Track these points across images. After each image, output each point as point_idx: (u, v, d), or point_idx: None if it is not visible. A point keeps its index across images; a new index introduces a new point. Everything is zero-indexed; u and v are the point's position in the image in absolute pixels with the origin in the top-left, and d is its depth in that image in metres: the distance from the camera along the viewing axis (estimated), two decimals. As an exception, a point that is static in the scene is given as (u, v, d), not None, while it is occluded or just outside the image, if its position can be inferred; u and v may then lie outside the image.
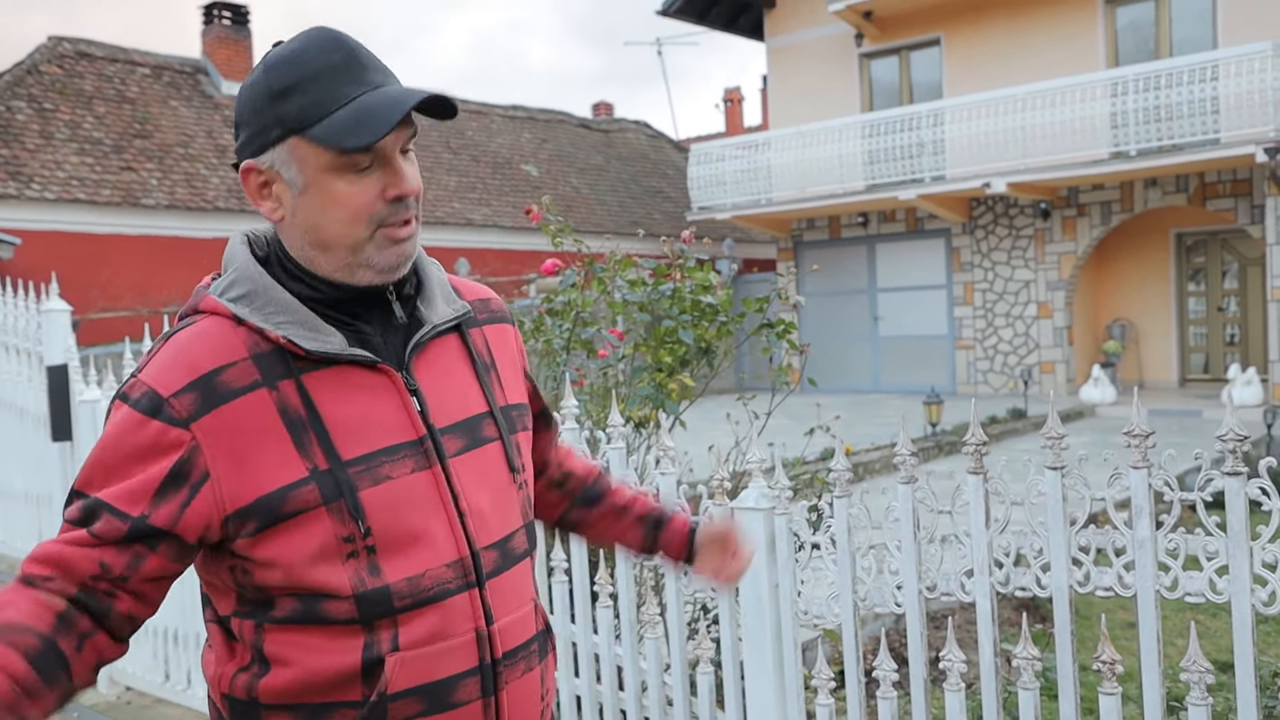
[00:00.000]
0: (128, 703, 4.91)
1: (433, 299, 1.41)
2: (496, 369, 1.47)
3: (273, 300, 1.29)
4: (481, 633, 1.34)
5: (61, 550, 1.25)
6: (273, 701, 1.31)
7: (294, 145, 1.27)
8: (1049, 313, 15.76)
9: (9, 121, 14.05)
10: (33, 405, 6.34)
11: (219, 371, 1.26)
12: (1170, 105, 13.43)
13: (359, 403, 1.30)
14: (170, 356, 1.28)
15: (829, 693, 2.69)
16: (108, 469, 1.25)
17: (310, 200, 1.28)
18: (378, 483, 1.28)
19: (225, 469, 1.24)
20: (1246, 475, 1.99)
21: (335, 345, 1.29)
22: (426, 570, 1.30)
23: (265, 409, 1.26)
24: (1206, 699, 2.06)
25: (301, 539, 1.26)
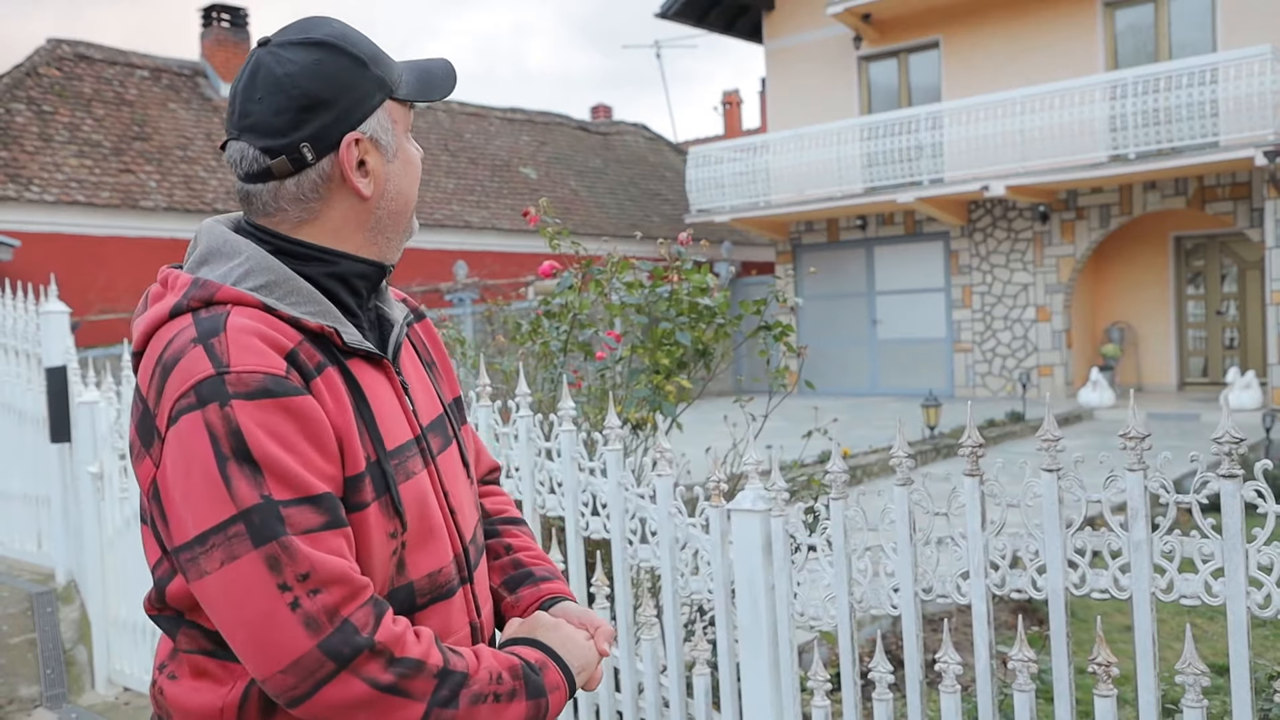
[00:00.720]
0: (126, 704, 4.91)
1: (387, 298, 1.41)
2: (436, 366, 1.49)
3: (295, 289, 1.24)
4: (475, 625, 1.38)
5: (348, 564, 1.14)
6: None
7: (389, 108, 1.30)
8: (1047, 316, 15.77)
9: (8, 124, 14.05)
10: (32, 407, 6.34)
11: (297, 349, 1.20)
12: (1169, 108, 13.44)
13: (382, 396, 1.28)
14: (247, 342, 1.16)
15: (825, 694, 2.69)
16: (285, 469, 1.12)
17: (398, 166, 1.31)
18: (408, 478, 1.27)
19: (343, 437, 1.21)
20: (1242, 478, 1.99)
21: (356, 336, 1.28)
22: (441, 567, 1.32)
23: (338, 389, 1.22)
24: (1202, 701, 2.06)
25: (361, 534, 1.21)
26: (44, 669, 5.26)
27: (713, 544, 2.91)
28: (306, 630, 1.08)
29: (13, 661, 5.35)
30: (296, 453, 1.13)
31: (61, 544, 5.98)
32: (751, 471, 2.81)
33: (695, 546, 2.99)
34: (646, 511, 3.08)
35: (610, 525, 3.17)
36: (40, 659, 5.35)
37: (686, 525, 2.98)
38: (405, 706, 1.12)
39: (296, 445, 1.14)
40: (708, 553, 2.94)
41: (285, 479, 1.12)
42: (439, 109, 20.62)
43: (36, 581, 6.20)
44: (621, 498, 3.13)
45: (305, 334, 1.22)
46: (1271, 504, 1.95)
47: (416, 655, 1.14)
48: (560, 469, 3.30)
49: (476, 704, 1.17)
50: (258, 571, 1.08)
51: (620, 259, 3.74)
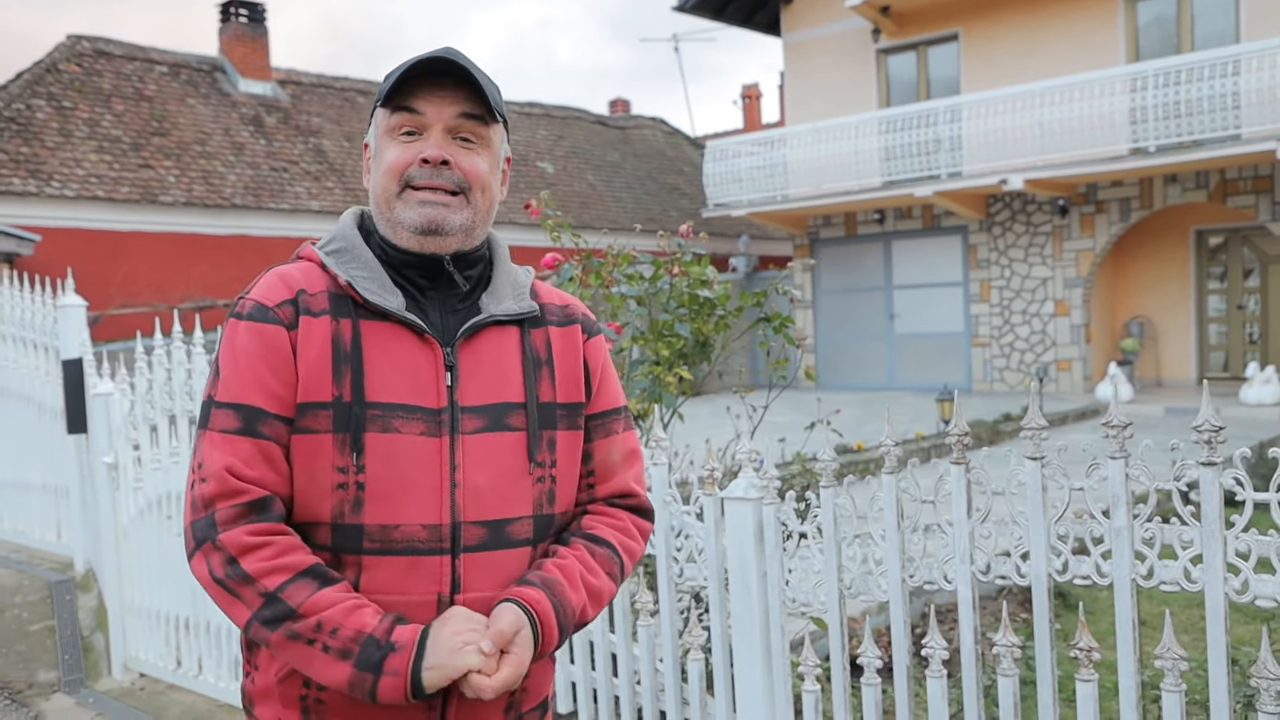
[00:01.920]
0: (141, 689, 4.99)
1: (499, 294, 1.54)
2: (552, 367, 1.55)
3: (357, 257, 1.49)
4: (443, 598, 1.41)
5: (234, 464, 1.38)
6: None
7: (378, 116, 1.52)
8: (1066, 310, 15.69)
9: (29, 120, 14.20)
10: (50, 399, 6.44)
11: (304, 294, 1.46)
12: (1190, 101, 13.33)
13: (399, 359, 1.44)
14: (271, 280, 1.48)
15: (815, 679, 2.72)
16: (242, 376, 1.41)
17: (376, 163, 1.51)
18: (386, 430, 1.41)
19: (304, 371, 1.42)
20: (1221, 465, 2.01)
21: (393, 304, 1.46)
22: (401, 524, 1.40)
23: (325, 334, 1.43)
24: (1180, 686, 2.08)
25: (308, 455, 1.41)
26: (62, 655, 5.35)
27: (707, 532, 2.94)
28: (191, 508, 1.39)
29: (32, 647, 5.44)
30: (247, 366, 1.41)
31: (79, 533, 6.07)
32: (745, 460, 2.84)
33: (690, 534, 3.02)
34: (643, 500, 3.11)
35: (607, 513, 3.20)
36: (59, 645, 5.45)
37: (681, 513, 3.02)
38: (234, 605, 1.36)
39: (251, 361, 1.41)
40: (702, 540, 2.98)
41: (227, 385, 1.42)
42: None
43: (56, 570, 6.30)
44: (618, 486, 3.16)
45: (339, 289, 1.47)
46: (1250, 491, 1.97)
47: (250, 570, 1.34)
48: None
49: (293, 640, 1.34)
50: (193, 455, 1.42)
51: (620, 251, 3.77)
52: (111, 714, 4.71)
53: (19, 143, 13.79)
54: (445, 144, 1.47)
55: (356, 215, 1.58)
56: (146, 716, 4.64)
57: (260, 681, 1.47)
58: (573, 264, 3.83)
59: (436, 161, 1.46)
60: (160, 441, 4.79)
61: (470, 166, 1.48)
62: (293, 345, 1.42)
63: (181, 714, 4.63)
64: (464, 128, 1.48)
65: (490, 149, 1.52)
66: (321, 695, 1.42)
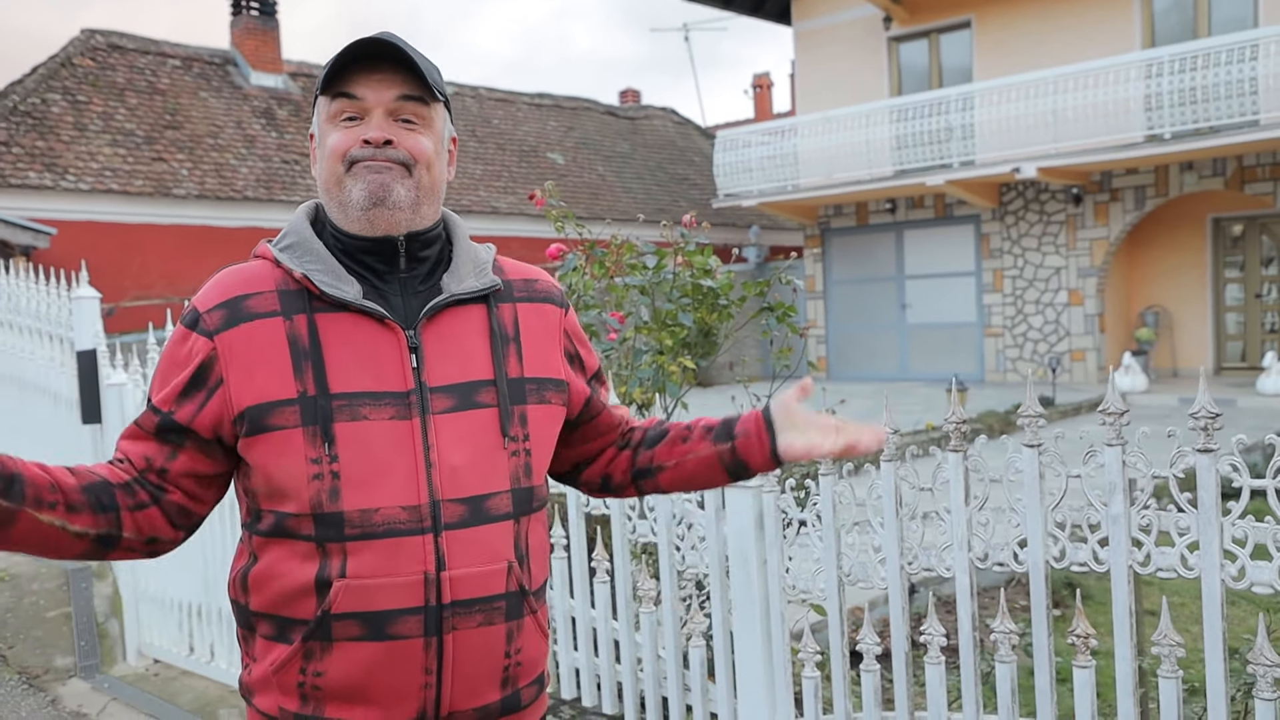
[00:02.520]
0: (155, 675, 5.04)
1: (460, 273, 1.54)
2: (519, 342, 1.55)
3: (310, 250, 1.50)
4: (429, 576, 1.42)
5: (122, 443, 1.50)
6: (257, 609, 1.48)
7: (319, 106, 1.52)
8: (1080, 300, 15.62)
9: (44, 114, 14.28)
10: (65, 389, 6.48)
11: (246, 297, 1.48)
12: (1207, 86, 13.20)
13: (360, 348, 1.45)
14: (214, 283, 1.52)
15: (814, 666, 2.74)
16: (161, 375, 1.50)
17: (320, 150, 1.51)
18: (354, 419, 1.43)
19: (236, 377, 1.44)
20: (1218, 452, 2.01)
21: (350, 294, 1.46)
22: (380, 508, 1.41)
23: (276, 334, 1.44)
24: (1176, 672, 2.08)
25: (278, 451, 1.43)
26: (78, 641, 5.42)
27: (708, 519, 2.95)
28: None
29: (49, 634, 5.50)
30: (167, 370, 1.50)
31: (92, 523, 6.12)
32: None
33: (691, 522, 3.04)
34: (645, 488, 3.12)
35: (610, 502, 3.22)
36: (75, 631, 5.51)
37: (683, 501, 3.03)
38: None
39: (171, 365, 1.49)
40: (703, 528, 2.99)
41: (154, 384, 1.51)
42: (467, 95, 20.71)
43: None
44: (621, 475, 3.18)
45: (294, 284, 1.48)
46: (1246, 478, 1.97)
47: None
48: (563, 447, 3.35)
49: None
50: None
51: (624, 241, 3.78)
52: (126, 698, 4.77)
53: (34, 137, 13.87)
54: (387, 126, 1.48)
55: (310, 210, 1.58)
56: (160, 701, 4.69)
57: (257, 672, 1.48)
58: (577, 254, 3.84)
59: (379, 142, 1.47)
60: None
61: (413, 145, 1.49)
62: (213, 353, 1.46)
63: (194, 699, 4.68)
64: (404, 109, 1.49)
65: (433, 129, 1.52)
66: (318, 681, 1.43)
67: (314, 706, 1.45)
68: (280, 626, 1.46)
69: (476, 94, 20.98)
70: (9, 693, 4.84)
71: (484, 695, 1.48)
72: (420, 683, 1.43)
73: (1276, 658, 1.93)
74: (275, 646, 1.46)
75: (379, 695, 1.42)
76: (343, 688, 1.43)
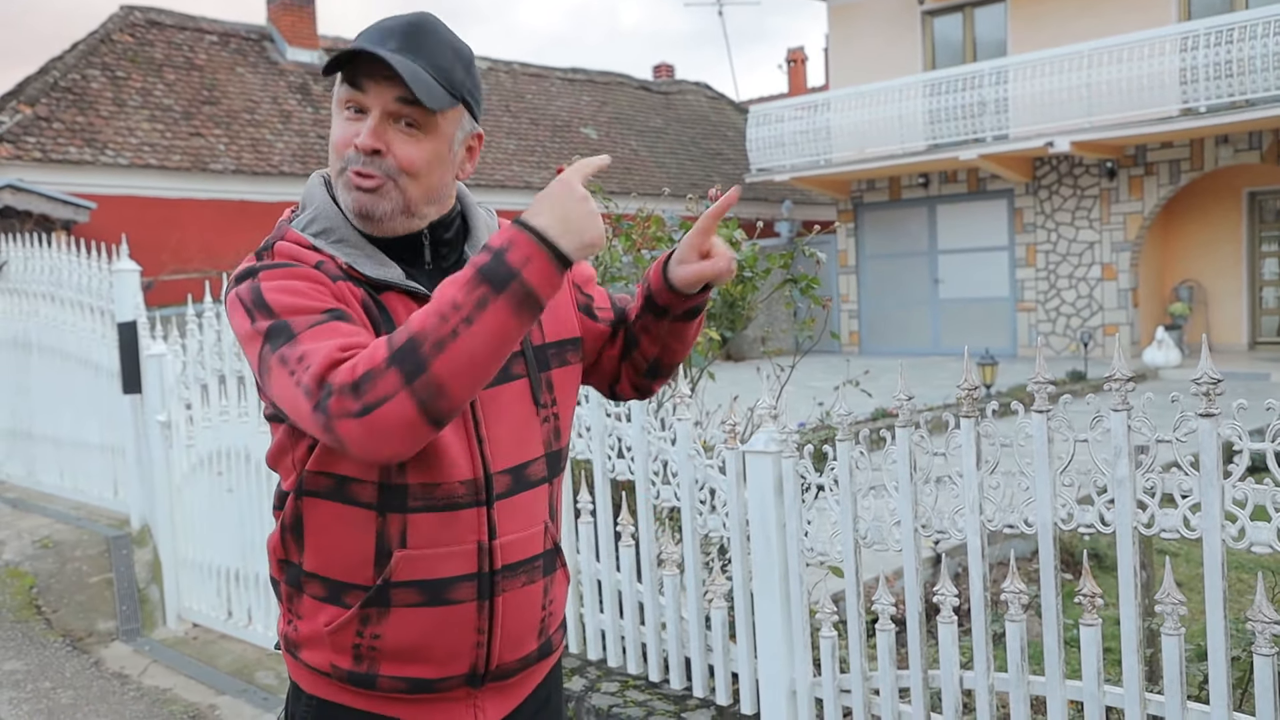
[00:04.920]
0: (194, 638, 5.20)
1: (478, 244, 1.58)
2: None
3: (344, 236, 1.49)
4: (483, 545, 1.51)
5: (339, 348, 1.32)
6: (309, 569, 1.52)
7: (337, 86, 1.49)
8: (1113, 274, 15.52)
9: (84, 90, 14.49)
10: (106, 361, 6.65)
11: (319, 266, 1.46)
12: (1243, 60, 13.06)
13: None
14: (284, 249, 1.47)
15: (831, 626, 2.82)
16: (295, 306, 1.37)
17: (331, 132, 1.51)
18: None
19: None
20: (1219, 417, 2.07)
21: (394, 275, 1.48)
22: (441, 482, 1.47)
23: (354, 294, 1.45)
24: (1179, 629, 2.15)
25: None
26: (120, 606, 5.59)
27: (729, 484, 3.04)
28: (306, 396, 1.30)
29: (92, 599, 5.69)
30: (302, 294, 1.39)
31: (135, 490, 6.29)
32: (765, 415, 2.93)
33: (713, 486, 3.12)
34: (668, 454, 3.21)
35: (635, 467, 3.31)
36: (116, 596, 5.68)
37: (705, 466, 3.12)
38: (389, 407, 1.26)
39: (304, 290, 1.40)
40: (724, 493, 3.07)
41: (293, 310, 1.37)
42: (501, 70, 20.77)
43: (113, 526, 6.53)
44: (645, 441, 3.27)
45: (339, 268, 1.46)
46: (1247, 441, 2.03)
47: (364, 367, 1.27)
48: (589, 414, 3.45)
49: (444, 347, 1.27)
50: (279, 369, 1.34)
51: (650, 215, 3.85)
52: (166, 661, 4.93)
53: (75, 112, 14.08)
54: (383, 131, 1.44)
55: (323, 184, 1.56)
56: (199, 664, 4.85)
57: (305, 629, 1.54)
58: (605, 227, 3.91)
59: (366, 150, 1.44)
60: (210, 400, 4.97)
61: (404, 155, 1.45)
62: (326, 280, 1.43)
63: (232, 662, 4.83)
64: (404, 113, 1.44)
65: (436, 134, 1.47)
66: (375, 643, 1.49)
67: (368, 665, 1.51)
68: (333, 589, 1.50)
69: (510, 69, 21.02)
70: (53, 655, 5.01)
71: (525, 647, 1.58)
72: (473, 642, 1.51)
73: (1274, 614, 1.99)
74: (326, 608, 1.51)
75: (435, 655, 1.50)
76: (400, 648, 1.50)
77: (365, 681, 1.51)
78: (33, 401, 7.67)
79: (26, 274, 7.58)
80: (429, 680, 1.51)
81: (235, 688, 4.55)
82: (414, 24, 1.46)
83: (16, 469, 7.93)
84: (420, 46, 1.44)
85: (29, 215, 12.13)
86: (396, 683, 1.51)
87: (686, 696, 3.32)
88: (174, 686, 4.63)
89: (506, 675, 1.57)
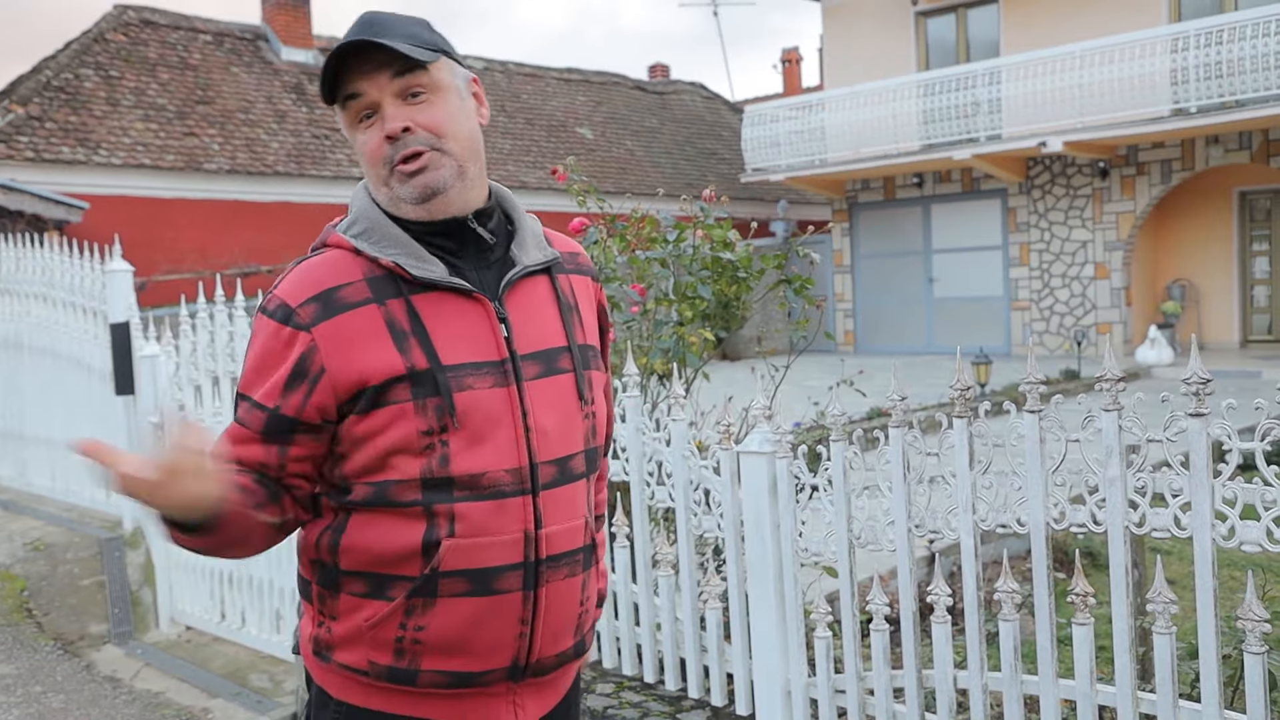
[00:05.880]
0: (187, 641, 5.19)
1: (525, 244, 1.62)
2: (579, 312, 1.66)
3: (386, 235, 1.53)
4: (529, 534, 1.52)
5: (232, 449, 1.51)
6: (349, 568, 1.53)
7: (337, 113, 1.55)
8: (1106, 273, 15.56)
9: (77, 89, 14.45)
10: (98, 361, 6.63)
11: (338, 289, 1.50)
12: (1233, 60, 13.13)
13: (455, 322, 1.51)
14: (298, 276, 1.53)
15: (826, 626, 2.83)
16: (256, 370, 1.52)
17: (359, 156, 1.54)
18: (461, 390, 1.49)
19: (337, 364, 1.47)
20: (1209, 416, 2.07)
21: (438, 273, 1.51)
22: (487, 471, 1.49)
23: (374, 320, 1.49)
24: (1171, 628, 2.16)
25: (389, 426, 1.47)
26: (112, 609, 5.57)
27: (723, 485, 3.04)
28: None
29: (83, 602, 5.67)
30: (262, 364, 1.52)
31: (128, 492, 6.27)
32: (759, 415, 2.93)
33: (707, 487, 3.13)
34: (663, 455, 3.22)
35: (629, 468, 3.32)
36: (109, 599, 5.66)
37: (699, 467, 3.12)
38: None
39: (267, 359, 1.51)
40: (719, 493, 3.08)
41: (248, 380, 1.53)
42: (496, 70, 20.76)
43: (105, 528, 6.51)
44: (640, 442, 3.27)
45: (380, 269, 1.51)
46: (1236, 441, 2.04)
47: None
48: (583, 415, 3.44)
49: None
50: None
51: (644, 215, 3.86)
52: (159, 664, 4.91)
53: (67, 112, 14.05)
54: (398, 111, 1.49)
55: (367, 191, 1.61)
56: (192, 666, 4.84)
57: (341, 629, 1.54)
58: (598, 228, 3.92)
59: (398, 133, 1.49)
60: (204, 401, 4.96)
61: (429, 119, 1.51)
62: (312, 345, 1.49)
63: (226, 664, 4.82)
64: (407, 85, 1.50)
65: (443, 90, 1.53)
66: (419, 634, 1.50)
67: (410, 660, 1.51)
68: (377, 584, 1.51)
69: (506, 69, 21.01)
70: (44, 659, 4.99)
71: (563, 642, 1.60)
72: (516, 633, 1.52)
73: (1264, 613, 2.00)
74: (369, 604, 1.51)
75: (478, 647, 1.51)
76: (443, 641, 1.51)
77: (405, 677, 1.52)
78: (24, 402, 7.65)
79: (18, 274, 7.56)
80: (472, 674, 1.52)
81: (229, 691, 4.54)
82: (365, 20, 1.52)
83: (8, 470, 7.91)
84: (381, 29, 1.49)
85: (21, 215, 12.10)
86: (437, 677, 1.52)
87: (682, 697, 3.33)
88: (166, 690, 4.62)
89: (545, 671, 1.58)
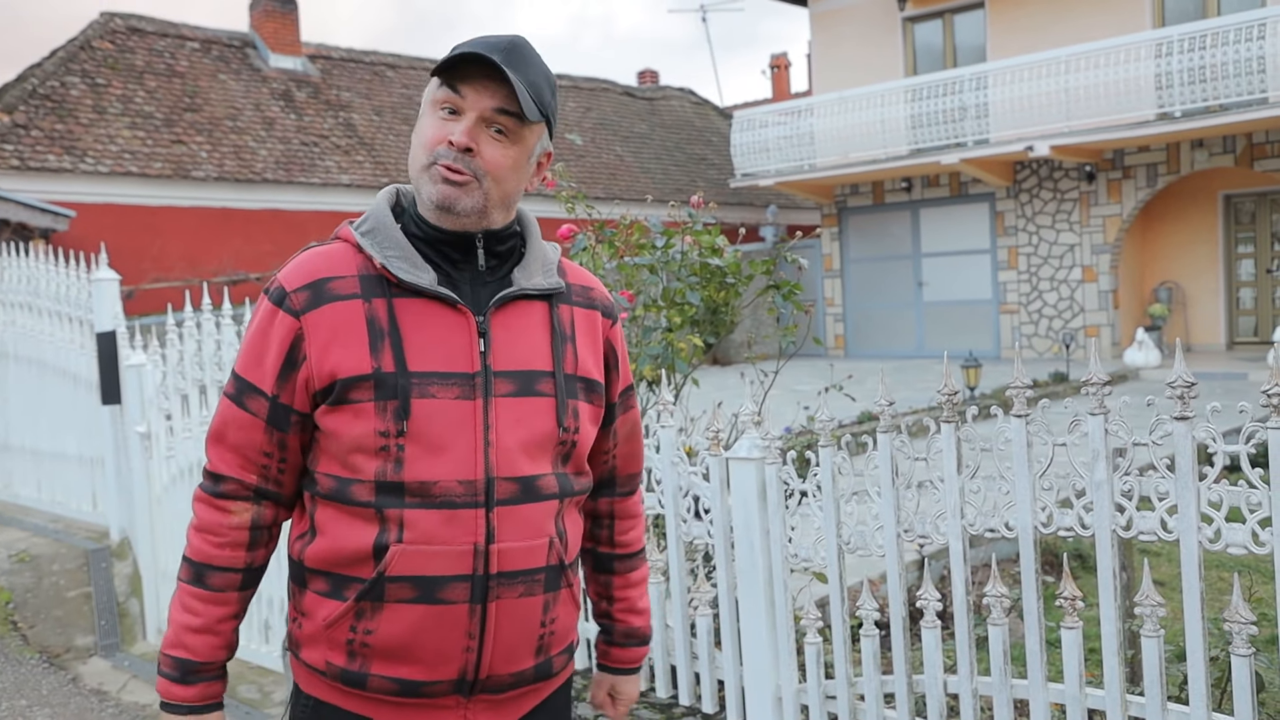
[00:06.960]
0: (175, 651, 5.16)
1: (530, 270, 1.64)
2: (575, 343, 1.66)
3: (389, 237, 1.58)
4: (479, 547, 1.52)
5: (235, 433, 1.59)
6: (312, 565, 1.57)
7: (430, 83, 1.59)
8: (1094, 276, 15.63)
9: (63, 97, 14.41)
10: (85, 371, 6.61)
11: (329, 280, 1.57)
12: (1216, 65, 13.22)
13: (433, 330, 1.54)
14: (300, 263, 1.60)
15: (816, 632, 2.83)
16: (252, 350, 1.58)
17: (417, 131, 1.60)
18: (423, 397, 1.52)
19: (316, 354, 1.53)
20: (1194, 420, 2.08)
21: (425, 281, 1.55)
22: (439, 480, 1.51)
23: (355, 316, 1.54)
24: (1158, 632, 2.16)
25: (351, 423, 1.53)
26: (99, 620, 5.54)
27: (713, 491, 3.04)
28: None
29: (70, 613, 5.63)
30: (259, 345, 1.58)
31: (114, 502, 6.25)
32: (748, 421, 2.93)
33: (697, 493, 3.13)
34: (651, 461, 3.22)
35: (618, 475, 3.31)
36: (95, 611, 5.63)
37: (688, 473, 3.12)
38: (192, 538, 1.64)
39: (262, 341, 1.58)
40: (708, 499, 3.08)
41: (242, 356, 1.60)
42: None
43: (92, 539, 6.49)
44: (628, 448, 3.27)
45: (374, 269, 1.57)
46: (1221, 444, 2.05)
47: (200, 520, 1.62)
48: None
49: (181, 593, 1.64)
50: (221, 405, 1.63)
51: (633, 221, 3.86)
52: (146, 676, 4.87)
53: (54, 120, 14.00)
54: (476, 133, 1.53)
55: (391, 195, 1.67)
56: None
57: (308, 627, 1.58)
58: (586, 234, 3.92)
59: (460, 148, 1.53)
60: (191, 411, 4.94)
61: (492, 158, 1.55)
62: (300, 331, 1.55)
63: (216, 673, 4.79)
64: (498, 120, 1.54)
65: (521, 144, 1.58)
66: (367, 639, 1.53)
67: (360, 663, 1.54)
68: (335, 584, 1.54)
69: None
70: (29, 672, 4.94)
71: (520, 662, 1.59)
72: (462, 646, 1.53)
73: (1250, 615, 2.01)
74: (327, 603, 1.55)
75: (424, 655, 1.52)
76: (390, 646, 1.53)
77: (356, 681, 1.54)
78: (10, 412, 7.62)
79: (3, 284, 7.53)
80: (417, 682, 1.53)
81: (218, 700, 4.50)
82: (515, 44, 1.56)
83: (-6, 481, 7.88)
84: (521, 63, 1.53)
85: (6, 224, 12.06)
86: (386, 683, 1.53)
87: (673, 705, 3.32)
88: (154, 703, 4.59)
89: (499, 689, 1.58)
